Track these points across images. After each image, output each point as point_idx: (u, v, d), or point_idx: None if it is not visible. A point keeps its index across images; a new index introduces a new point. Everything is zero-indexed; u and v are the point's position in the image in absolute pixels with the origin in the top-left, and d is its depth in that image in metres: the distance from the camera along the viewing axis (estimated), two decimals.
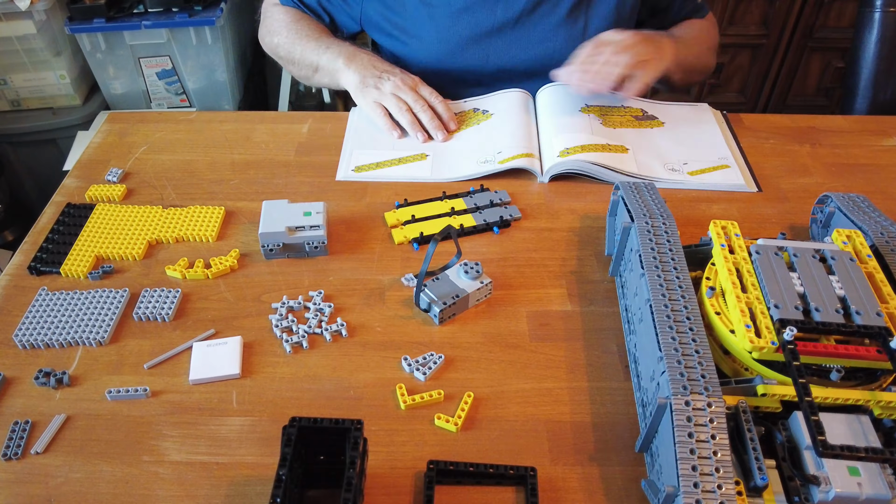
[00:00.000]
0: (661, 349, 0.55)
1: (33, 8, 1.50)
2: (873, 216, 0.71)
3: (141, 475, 0.58)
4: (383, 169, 0.92)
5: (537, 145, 0.95)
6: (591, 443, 0.61)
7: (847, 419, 0.54)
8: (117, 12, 1.58)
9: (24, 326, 0.70)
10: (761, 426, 0.55)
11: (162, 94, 1.73)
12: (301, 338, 0.69)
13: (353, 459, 0.49)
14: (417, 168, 0.92)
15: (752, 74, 2.10)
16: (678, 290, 0.60)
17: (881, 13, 1.28)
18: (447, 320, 0.72)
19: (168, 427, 0.62)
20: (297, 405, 0.64)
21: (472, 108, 1.03)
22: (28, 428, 0.62)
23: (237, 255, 0.79)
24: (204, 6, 1.61)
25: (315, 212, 0.79)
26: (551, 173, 0.89)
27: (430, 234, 0.81)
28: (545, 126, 0.97)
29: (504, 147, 0.93)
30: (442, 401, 0.64)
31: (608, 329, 0.71)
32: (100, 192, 0.88)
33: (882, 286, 0.61)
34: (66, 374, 0.66)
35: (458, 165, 0.92)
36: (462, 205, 0.85)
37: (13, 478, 0.58)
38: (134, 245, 0.80)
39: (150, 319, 0.72)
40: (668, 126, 1.00)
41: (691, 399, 0.51)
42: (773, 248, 0.63)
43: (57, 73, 1.63)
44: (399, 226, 0.83)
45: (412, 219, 0.83)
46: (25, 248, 0.81)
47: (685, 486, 0.48)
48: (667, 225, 0.67)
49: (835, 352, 0.55)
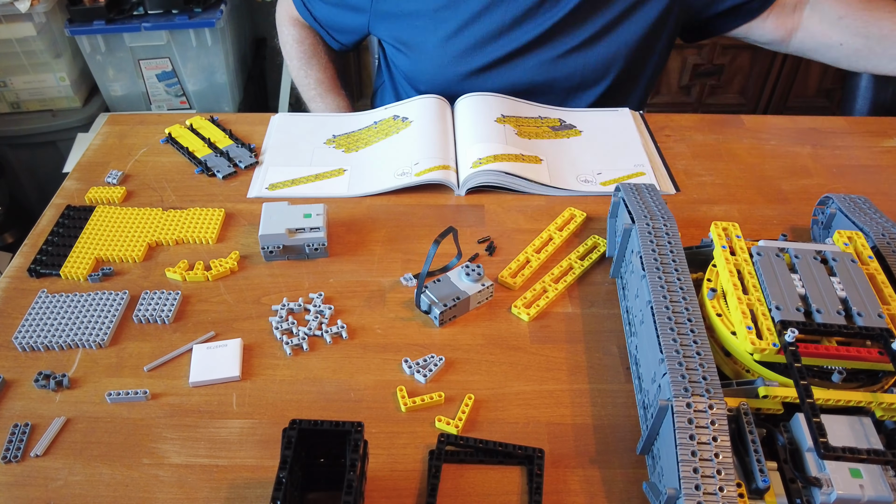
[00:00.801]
0: (663, 351, 0.55)
1: (33, 10, 1.50)
2: (874, 217, 0.70)
3: (141, 478, 0.58)
4: (299, 186, 0.90)
5: (454, 156, 0.93)
6: (592, 445, 0.60)
7: (849, 421, 0.54)
8: (117, 14, 1.58)
9: (23, 329, 0.70)
10: (763, 428, 0.55)
11: (162, 96, 1.73)
12: (301, 340, 0.69)
13: (354, 462, 0.49)
14: (335, 184, 0.90)
15: (752, 76, 2.10)
16: (679, 291, 0.60)
17: None
18: (448, 322, 0.72)
19: (168, 429, 0.62)
20: (298, 407, 0.64)
21: (392, 115, 1.01)
22: (28, 430, 0.61)
23: (237, 257, 0.79)
24: (204, 8, 1.61)
25: (315, 213, 0.79)
26: (467, 186, 0.88)
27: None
28: (461, 136, 0.96)
29: (421, 158, 0.91)
30: (442, 403, 0.64)
31: (609, 331, 0.71)
32: (100, 194, 0.88)
33: (883, 287, 0.61)
34: (65, 377, 0.66)
35: (375, 179, 0.90)
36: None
37: (13, 480, 0.58)
38: (134, 247, 0.80)
39: (149, 322, 0.72)
40: (586, 135, 0.99)
41: (693, 401, 0.51)
42: (774, 250, 0.63)
43: (57, 75, 1.63)
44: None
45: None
46: (25, 251, 0.81)
47: (687, 489, 0.47)
48: (668, 226, 0.67)
49: (836, 353, 0.55)
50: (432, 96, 1.02)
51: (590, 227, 0.84)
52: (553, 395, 0.65)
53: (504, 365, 0.67)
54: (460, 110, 1.00)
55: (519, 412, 0.63)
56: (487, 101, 1.01)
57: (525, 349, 0.69)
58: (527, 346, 0.69)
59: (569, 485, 0.57)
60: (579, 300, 0.74)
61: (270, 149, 0.97)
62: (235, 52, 1.76)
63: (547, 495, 0.56)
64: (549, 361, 0.68)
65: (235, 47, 1.76)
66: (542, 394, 0.65)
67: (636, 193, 0.73)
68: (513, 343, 0.70)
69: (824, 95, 2.14)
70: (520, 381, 0.66)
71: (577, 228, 0.83)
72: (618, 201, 0.75)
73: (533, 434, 0.61)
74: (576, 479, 0.58)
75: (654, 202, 0.72)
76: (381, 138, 0.98)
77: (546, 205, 0.87)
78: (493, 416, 0.63)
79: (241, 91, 1.81)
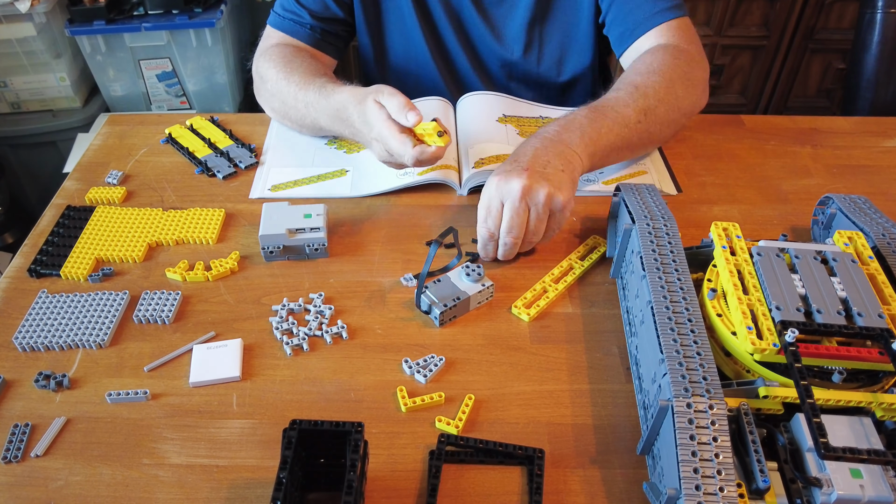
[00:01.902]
0: (663, 351, 0.55)
1: (33, 10, 1.50)
2: (875, 217, 0.70)
3: (141, 478, 0.58)
4: (301, 187, 0.90)
5: (456, 156, 0.94)
6: (592, 445, 0.60)
7: (849, 421, 0.54)
8: (117, 14, 1.58)
9: (23, 329, 0.70)
10: (763, 428, 0.55)
11: (162, 96, 1.73)
12: (301, 340, 0.69)
13: (354, 462, 0.49)
14: (337, 184, 0.90)
15: (752, 76, 2.10)
16: (679, 291, 0.60)
17: (882, 14, 1.28)
18: (448, 322, 0.71)
19: (168, 430, 0.62)
20: (298, 408, 0.64)
21: None
22: (28, 431, 0.61)
23: (237, 257, 0.79)
24: (204, 8, 1.61)
25: (315, 214, 0.79)
26: (469, 186, 0.88)
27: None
28: (463, 136, 0.96)
29: None
30: (443, 403, 0.64)
31: (609, 331, 0.71)
32: (100, 195, 0.88)
33: (884, 288, 0.61)
34: (66, 377, 0.66)
35: (377, 179, 0.90)
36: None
37: (13, 481, 0.58)
38: (134, 247, 0.80)
39: (150, 322, 0.72)
40: None
41: (693, 401, 0.51)
42: (774, 250, 0.63)
43: (57, 76, 1.63)
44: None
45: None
46: (25, 251, 0.81)
47: (687, 489, 0.47)
48: (668, 227, 0.67)
49: (837, 354, 0.55)
50: (435, 98, 1.02)
51: (590, 228, 0.84)
52: (553, 395, 0.65)
53: (504, 365, 0.67)
54: (462, 110, 1.01)
55: (519, 412, 0.63)
56: (489, 101, 1.01)
57: (525, 349, 0.69)
58: (527, 347, 0.69)
59: (569, 485, 0.57)
60: (579, 300, 0.74)
61: (272, 149, 0.97)
62: (235, 52, 1.76)
63: (547, 495, 0.56)
64: (550, 361, 0.68)
65: (235, 47, 1.76)
66: (543, 394, 0.65)
67: (636, 194, 0.73)
68: (513, 343, 0.70)
69: (824, 95, 2.14)
70: (520, 381, 0.66)
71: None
72: (618, 201, 0.75)
73: (533, 434, 0.61)
74: (576, 479, 0.58)
75: (655, 202, 0.72)
76: None
77: None
78: (494, 417, 0.63)
79: (242, 91, 1.81)
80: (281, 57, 0.96)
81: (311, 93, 0.89)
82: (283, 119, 0.98)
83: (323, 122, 0.90)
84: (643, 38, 0.94)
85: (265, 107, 1.01)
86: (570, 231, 0.83)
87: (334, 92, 0.86)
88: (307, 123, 0.94)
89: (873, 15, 1.29)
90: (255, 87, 1.01)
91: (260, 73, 0.98)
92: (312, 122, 0.93)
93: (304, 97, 0.90)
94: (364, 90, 0.82)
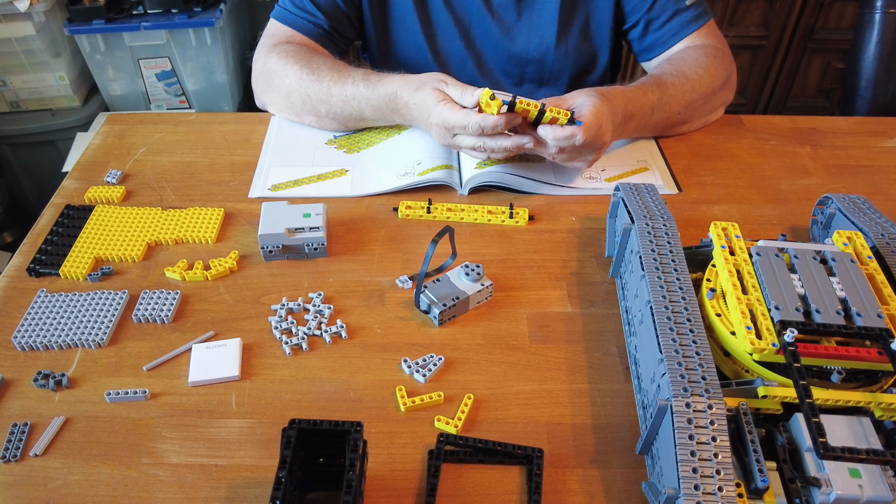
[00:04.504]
0: (662, 351, 0.55)
1: (32, 9, 1.50)
2: (874, 217, 0.70)
3: (140, 477, 0.58)
4: (301, 186, 0.90)
5: (456, 156, 0.94)
6: (591, 445, 0.60)
7: (848, 421, 0.54)
8: (116, 13, 1.58)
9: (23, 328, 0.70)
10: (762, 428, 0.55)
11: (161, 96, 1.73)
12: (301, 339, 0.69)
13: (353, 461, 0.49)
14: (337, 184, 0.90)
15: (752, 75, 2.10)
16: (679, 291, 0.60)
17: (881, 14, 1.28)
18: (447, 322, 0.71)
19: (167, 429, 0.62)
20: (297, 407, 0.64)
21: None
22: (27, 430, 0.61)
23: (236, 256, 0.79)
24: (203, 7, 1.61)
25: (314, 213, 0.79)
26: (470, 185, 0.88)
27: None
28: None
29: (423, 158, 0.91)
30: (442, 403, 0.64)
31: (608, 331, 0.71)
32: (99, 194, 0.88)
33: (883, 288, 0.61)
34: (65, 376, 0.66)
35: (378, 179, 0.90)
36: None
37: (12, 480, 0.58)
38: (133, 247, 0.80)
39: (149, 321, 0.72)
40: None
41: (692, 401, 0.51)
42: (773, 250, 0.63)
43: (56, 75, 1.63)
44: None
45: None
46: (24, 250, 0.81)
47: (686, 489, 0.47)
48: (667, 226, 0.67)
49: (836, 353, 0.55)
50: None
51: (590, 227, 0.84)
52: (552, 394, 0.65)
53: (503, 365, 0.67)
54: None
55: (518, 412, 0.63)
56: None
57: (524, 349, 0.69)
58: (526, 346, 0.69)
59: (568, 485, 0.57)
60: (579, 300, 0.74)
61: (271, 149, 0.97)
62: (235, 52, 1.76)
63: (546, 495, 0.56)
64: (549, 361, 0.68)
65: (235, 47, 1.76)
66: (542, 394, 0.65)
67: (635, 193, 0.73)
68: (512, 343, 0.70)
69: (824, 95, 2.14)
70: (519, 380, 0.66)
71: (572, 228, 0.83)
72: (617, 201, 0.75)
73: (532, 434, 0.61)
74: (575, 478, 0.58)
75: (654, 202, 0.72)
76: (384, 139, 0.98)
77: (546, 204, 0.87)
78: (493, 416, 0.63)
79: (241, 91, 1.81)
80: (299, 54, 0.96)
81: (351, 86, 0.91)
82: (301, 115, 0.98)
83: (368, 113, 0.93)
84: (677, 45, 1.02)
85: (271, 104, 1.01)
86: (571, 231, 0.83)
87: (381, 82, 0.90)
88: (343, 116, 0.95)
89: (873, 15, 1.29)
90: (258, 84, 1.01)
91: (270, 69, 0.97)
92: (351, 114, 0.94)
93: (340, 92, 0.92)
94: (417, 78, 0.87)
